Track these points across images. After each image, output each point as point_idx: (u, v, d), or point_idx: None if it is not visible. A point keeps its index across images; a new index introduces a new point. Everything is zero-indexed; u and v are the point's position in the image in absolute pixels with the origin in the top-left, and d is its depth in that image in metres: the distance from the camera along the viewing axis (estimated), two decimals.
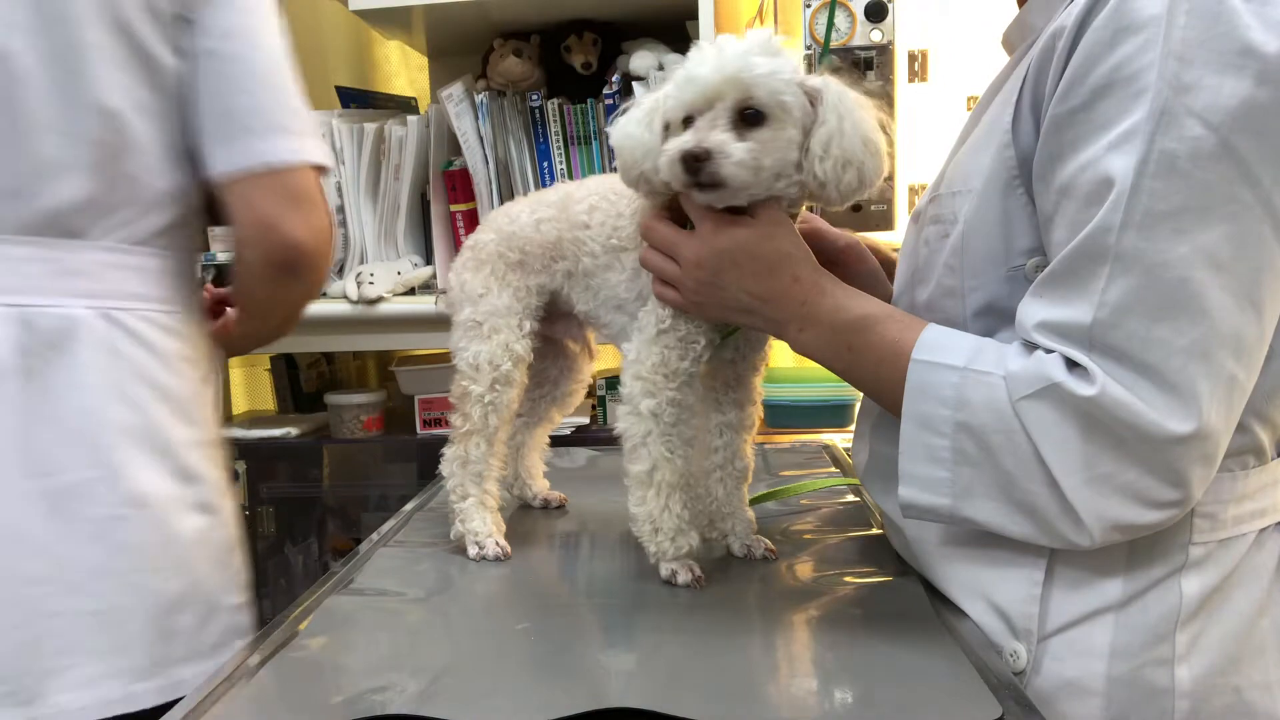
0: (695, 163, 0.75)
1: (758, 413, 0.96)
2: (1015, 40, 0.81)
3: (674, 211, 0.85)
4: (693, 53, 0.79)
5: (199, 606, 0.90)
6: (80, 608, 0.83)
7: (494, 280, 0.97)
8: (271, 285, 0.97)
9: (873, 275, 0.93)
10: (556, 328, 1.04)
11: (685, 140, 0.76)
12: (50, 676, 0.81)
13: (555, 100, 1.69)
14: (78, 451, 0.84)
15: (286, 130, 0.93)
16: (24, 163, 0.84)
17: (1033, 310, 0.68)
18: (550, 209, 0.96)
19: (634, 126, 0.82)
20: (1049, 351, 0.66)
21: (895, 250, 0.92)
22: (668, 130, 0.80)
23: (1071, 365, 0.65)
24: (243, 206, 0.92)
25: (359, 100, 1.96)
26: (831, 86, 0.79)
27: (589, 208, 0.92)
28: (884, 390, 0.76)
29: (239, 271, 0.96)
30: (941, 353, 0.71)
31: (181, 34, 0.90)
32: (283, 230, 0.92)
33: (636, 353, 0.86)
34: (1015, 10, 0.82)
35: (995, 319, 0.74)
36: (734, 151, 0.75)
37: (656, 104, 0.82)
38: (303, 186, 0.94)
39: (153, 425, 0.89)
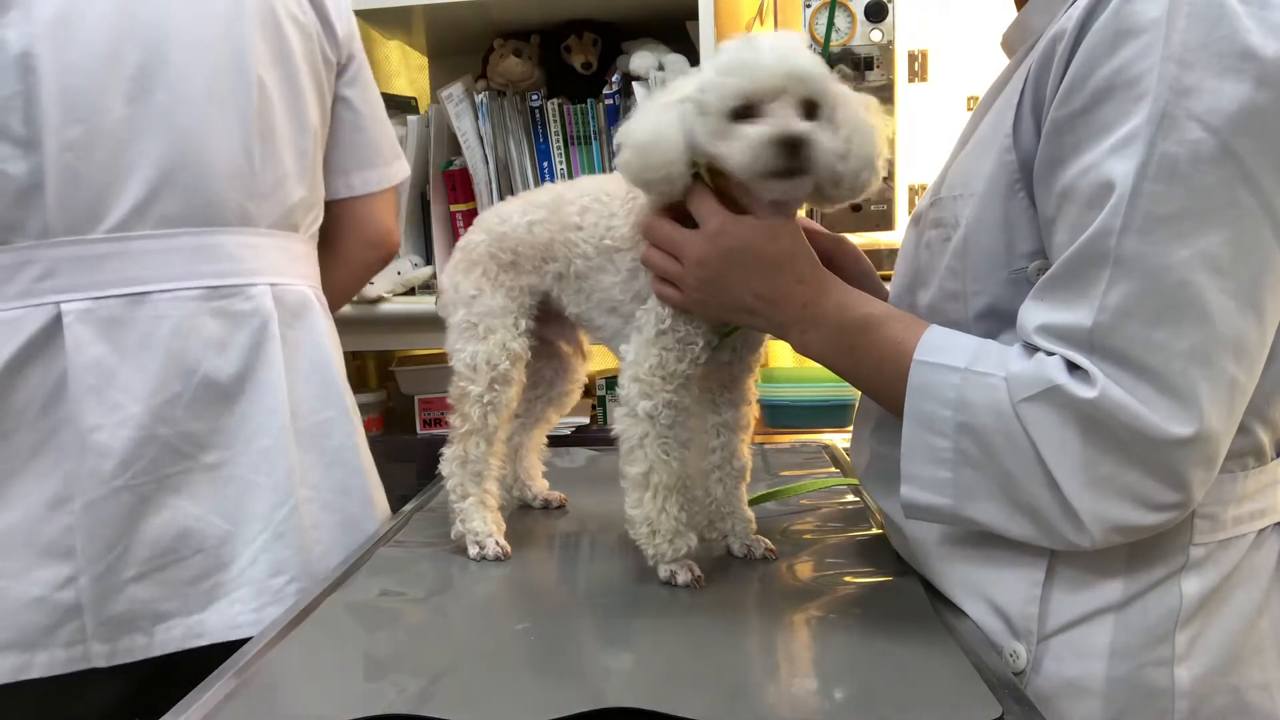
0: (794, 148, 0.74)
1: (753, 412, 0.96)
2: (1015, 42, 0.81)
3: (672, 211, 0.85)
4: (736, 46, 0.77)
5: (387, 514, 1.15)
6: (333, 520, 1.07)
7: (486, 281, 0.97)
8: (371, 274, 1.30)
9: (867, 275, 0.93)
10: (549, 329, 1.03)
11: (780, 125, 0.74)
12: (319, 573, 1.02)
13: (555, 100, 1.69)
14: (321, 398, 1.08)
15: (399, 155, 1.24)
16: (276, 170, 1.05)
17: (1034, 313, 0.68)
18: (542, 210, 0.95)
19: (669, 126, 0.79)
20: (1050, 354, 0.66)
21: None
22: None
23: (1073, 368, 0.65)
24: (371, 217, 1.22)
25: None
26: (845, 89, 0.79)
27: (581, 209, 0.92)
28: (886, 390, 0.76)
29: (348, 265, 1.23)
30: (943, 353, 0.71)
31: (335, 79, 1.14)
32: (395, 235, 1.25)
33: (635, 354, 0.86)
34: (1015, 11, 0.82)
35: (998, 322, 0.74)
36: (824, 139, 0.75)
37: (686, 100, 0.79)
38: (397, 198, 1.27)
39: (343, 376, 1.13)
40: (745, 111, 0.76)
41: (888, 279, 0.91)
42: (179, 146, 0.96)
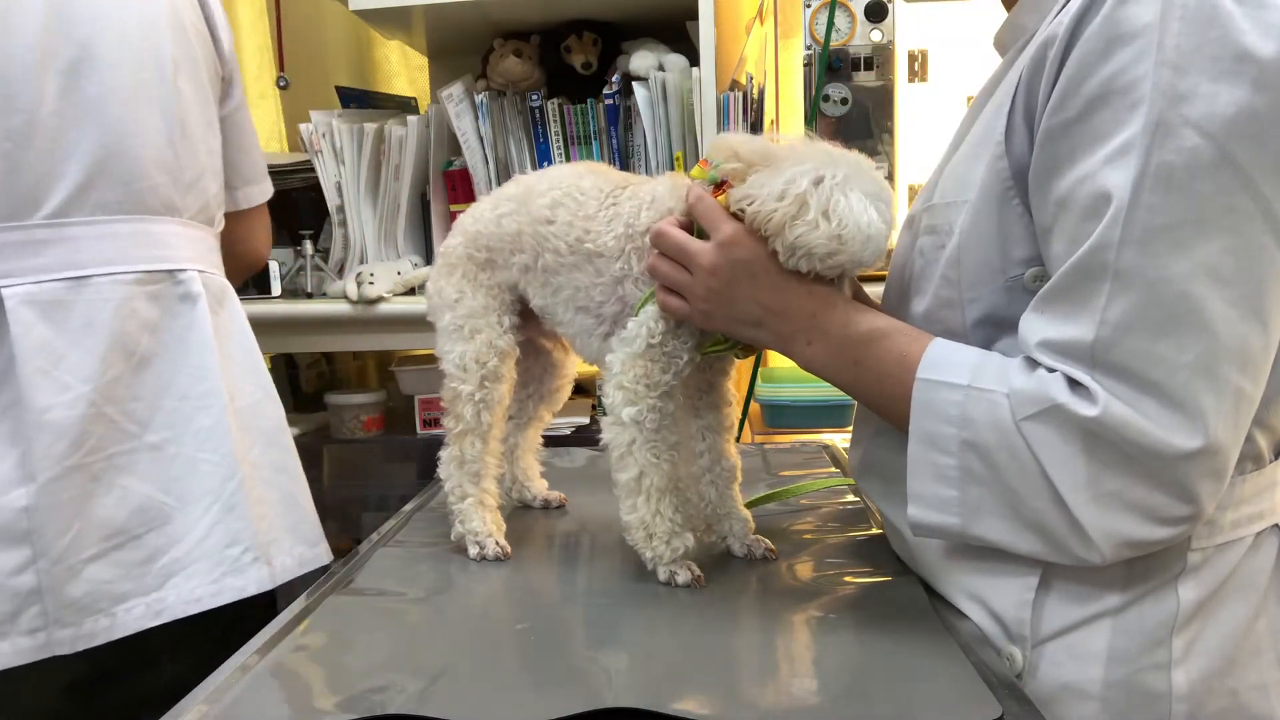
0: None
1: (735, 413, 0.96)
2: (1007, 41, 0.81)
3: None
4: (879, 221, 0.76)
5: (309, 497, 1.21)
6: (274, 497, 1.12)
7: (466, 283, 0.98)
8: (242, 279, 1.35)
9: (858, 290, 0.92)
10: (530, 326, 1.03)
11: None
12: (271, 545, 1.09)
13: (555, 100, 1.69)
14: (250, 380, 1.13)
15: (268, 175, 1.32)
16: (195, 164, 1.10)
17: (1034, 327, 0.68)
18: (511, 203, 0.96)
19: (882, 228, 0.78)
20: (1051, 370, 0.66)
21: None
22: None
23: (1074, 384, 0.65)
24: (248, 229, 1.28)
25: (359, 100, 1.95)
26: None
27: (552, 202, 0.92)
28: (889, 404, 0.76)
29: (229, 269, 1.22)
30: (945, 370, 0.71)
31: (222, 94, 1.20)
32: (267, 249, 1.35)
33: (621, 365, 0.86)
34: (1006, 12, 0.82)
35: (995, 329, 0.74)
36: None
37: (867, 197, 0.78)
38: (269, 216, 1.34)
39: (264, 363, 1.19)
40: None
41: (883, 279, 0.91)
42: (111, 137, 1.00)
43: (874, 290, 0.90)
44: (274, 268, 1.72)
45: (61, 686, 1.00)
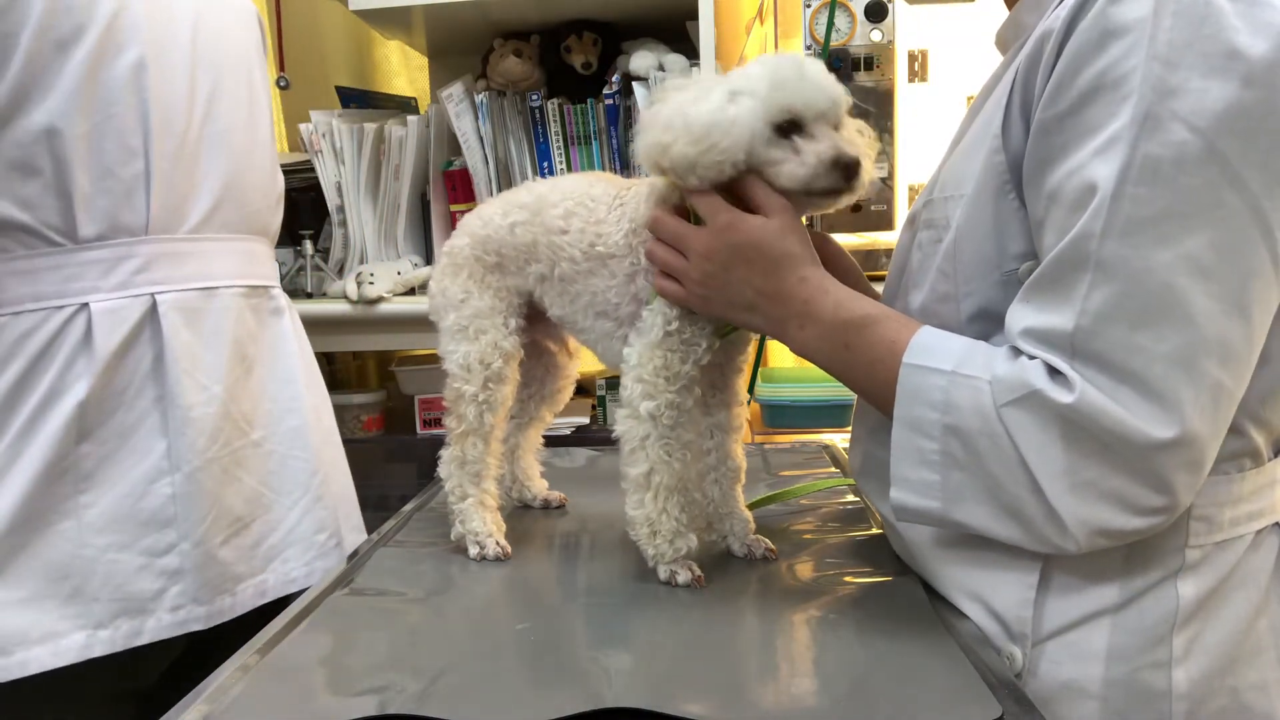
0: (850, 171, 0.77)
1: (745, 413, 0.96)
2: (1008, 39, 0.81)
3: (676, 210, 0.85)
4: (785, 63, 0.78)
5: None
6: (345, 492, 1.25)
7: (473, 284, 0.97)
8: None
9: (849, 272, 0.91)
10: (535, 328, 1.03)
11: (839, 147, 0.77)
12: (341, 530, 1.21)
13: (555, 100, 1.69)
14: (312, 386, 1.22)
15: None
16: (278, 189, 1.23)
17: (1019, 316, 0.68)
18: (524, 212, 0.95)
19: (741, 117, 0.77)
20: (1033, 358, 0.66)
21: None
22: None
23: (1053, 372, 0.65)
24: None
25: (359, 100, 1.96)
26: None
27: (565, 213, 0.92)
28: (877, 391, 0.76)
29: None
30: (931, 356, 0.71)
31: None
32: None
33: (639, 356, 0.85)
34: (1008, 10, 0.82)
35: (990, 323, 0.74)
36: (868, 163, 0.79)
37: (746, 95, 0.78)
38: None
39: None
40: (788, 127, 0.78)
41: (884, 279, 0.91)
42: (234, 165, 1.12)
43: (876, 290, 0.90)
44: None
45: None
